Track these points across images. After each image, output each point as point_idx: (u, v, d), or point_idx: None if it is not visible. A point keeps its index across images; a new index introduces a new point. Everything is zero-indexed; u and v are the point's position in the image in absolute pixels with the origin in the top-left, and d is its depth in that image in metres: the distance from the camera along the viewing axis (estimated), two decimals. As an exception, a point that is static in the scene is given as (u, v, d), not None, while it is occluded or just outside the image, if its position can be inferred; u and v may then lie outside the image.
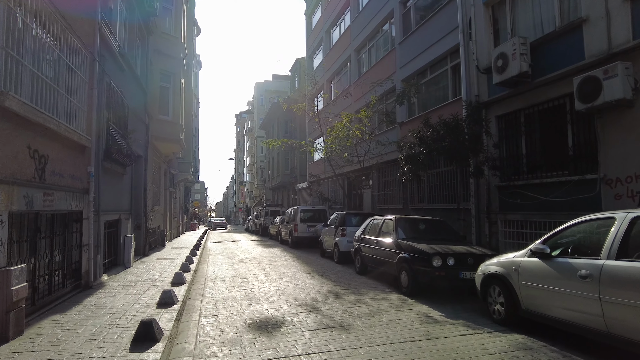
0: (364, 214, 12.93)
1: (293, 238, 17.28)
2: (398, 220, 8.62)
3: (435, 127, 9.47)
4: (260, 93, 58.65)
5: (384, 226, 8.91)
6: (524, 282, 4.87)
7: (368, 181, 18.99)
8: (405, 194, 15.06)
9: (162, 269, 10.31)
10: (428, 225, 8.81)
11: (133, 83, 11.91)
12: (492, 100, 10.32)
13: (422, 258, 6.93)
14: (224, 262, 12.81)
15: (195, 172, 37.92)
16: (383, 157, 15.79)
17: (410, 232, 8.42)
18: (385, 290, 7.74)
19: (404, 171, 10.28)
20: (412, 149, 9.84)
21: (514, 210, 9.74)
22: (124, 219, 10.79)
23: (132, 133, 10.77)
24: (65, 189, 6.55)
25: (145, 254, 13.65)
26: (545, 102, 9.04)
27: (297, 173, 31.69)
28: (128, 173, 11.11)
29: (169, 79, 16.53)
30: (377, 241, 8.79)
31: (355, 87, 19.13)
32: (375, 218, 9.77)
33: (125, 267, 10.60)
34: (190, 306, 6.74)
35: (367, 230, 9.73)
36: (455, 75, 12.69)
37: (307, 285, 8.33)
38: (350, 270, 10.39)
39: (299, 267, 11.12)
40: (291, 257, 13.67)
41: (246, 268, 11.22)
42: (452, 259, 6.79)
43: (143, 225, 13.50)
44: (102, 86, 8.46)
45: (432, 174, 13.21)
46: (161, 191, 18.32)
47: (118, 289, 7.54)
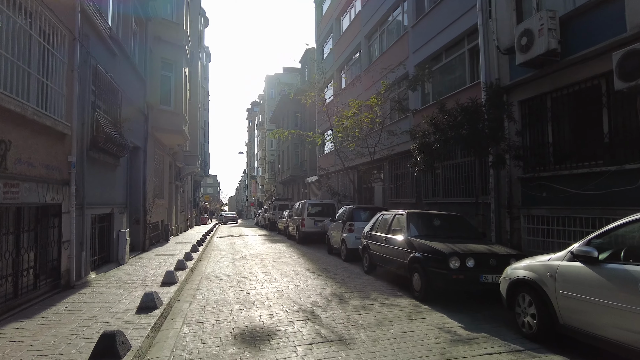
0: (374, 209, 12.09)
1: (300, 233, 16.54)
2: (410, 215, 7.78)
3: (451, 112, 8.57)
4: (270, 86, 57.91)
5: (394, 222, 8.07)
6: (562, 292, 4.00)
7: (379, 174, 18.12)
8: (418, 188, 14.16)
9: (157, 266, 9.68)
10: (444, 221, 7.94)
11: (128, 70, 11.24)
12: (515, 83, 9.35)
13: (437, 259, 6.09)
14: (226, 258, 12.15)
15: (205, 166, 37.50)
16: (395, 148, 14.90)
17: (424, 228, 7.57)
18: (395, 294, 6.93)
19: (417, 162, 9.40)
20: (426, 137, 8.95)
21: (539, 204, 8.81)
22: (118, 213, 10.17)
23: (126, 122, 10.10)
24: (37, 180, 5.88)
25: (145, 249, 13.07)
26: (576, 84, 8.06)
27: (307, 166, 30.94)
28: (122, 164, 10.48)
29: (171, 67, 15.86)
30: (386, 238, 7.96)
31: (366, 75, 18.20)
32: (385, 213, 8.94)
33: (119, 263, 10.00)
34: (177, 310, 6.04)
35: (376, 226, 8.91)
36: (473, 59, 11.70)
37: (308, 287, 7.57)
38: (357, 270, 9.60)
39: (303, 265, 10.38)
40: (296, 254, 12.93)
41: (247, 266, 10.52)
42: (471, 260, 5.93)
43: (142, 220, 12.91)
44: (85, 69, 7.78)
45: (447, 165, 12.28)
46: (165, 184, 17.75)
47: (102, 290, 6.89)
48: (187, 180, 27.37)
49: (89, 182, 8.05)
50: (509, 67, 9.68)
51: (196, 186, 36.76)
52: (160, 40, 15.27)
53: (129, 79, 11.23)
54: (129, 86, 11.15)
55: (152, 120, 14.63)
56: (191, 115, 24.54)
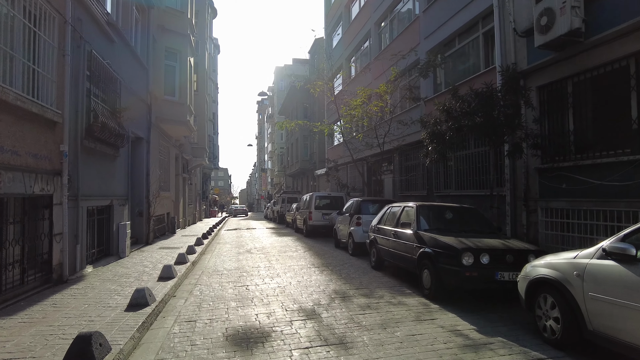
0: (382, 201, 11.62)
1: (307, 226, 16.17)
2: (420, 208, 7.30)
3: (465, 98, 8.03)
4: (280, 78, 57.38)
5: (403, 215, 7.61)
6: (592, 294, 3.52)
7: (389, 166, 17.60)
8: (429, 179, 13.64)
9: (158, 260, 9.40)
10: (456, 214, 7.44)
11: (129, 58, 10.91)
12: (533, 67, 8.75)
13: (448, 254, 5.63)
14: (230, 252, 11.84)
15: (214, 159, 37.32)
16: (405, 138, 14.37)
17: (435, 222, 7.09)
18: (403, 292, 6.49)
19: (428, 152, 8.89)
20: (437, 125, 8.43)
21: (558, 196, 8.25)
22: (118, 205, 9.90)
23: (126, 111, 9.79)
24: (23, 169, 5.58)
25: (149, 242, 12.84)
26: (602, 66, 7.45)
27: (316, 159, 30.50)
28: (123, 155, 10.18)
29: (175, 57, 15.51)
30: (395, 232, 7.51)
31: (375, 63, 17.62)
32: (394, 205, 8.47)
33: (119, 257, 9.75)
34: (170, 307, 5.71)
35: (384, 219, 8.46)
36: (488, 43, 11.08)
37: (312, 283, 7.18)
38: (364, 265, 9.18)
39: (308, 260, 9.99)
40: (303, 248, 12.56)
41: (251, 259, 10.18)
42: (486, 255, 5.46)
43: (145, 212, 12.66)
44: (79, 54, 7.44)
45: (460, 156, 11.73)
46: (171, 177, 17.51)
47: (95, 285, 6.61)
48: (195, 172, 27.18)
49: (84, 173, 7.76)
50: (527, 51, 9.08)
51: (205, 179, 36.63)
52: (164, 29, 14.92)
53: (129, 67, 10.91)
54: (129, 75, 10.82)
55: (156, 111, 14.35)
56: (198, 106, 24.26)
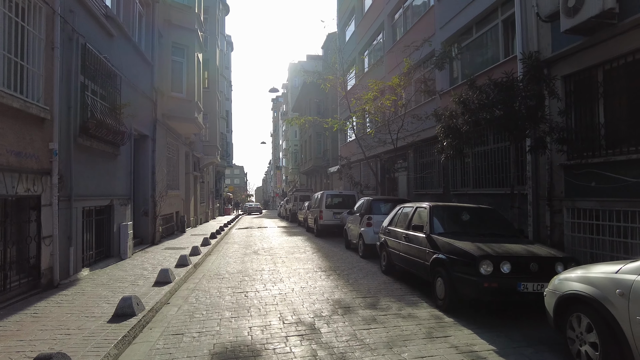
0: (395, 200, 11.02)
1: (318, 226, 15.67)
2: (433, 208, 6.70)
3: (483, 89, 7.37)
4: (294, 75, 56.92)
5: (415, 216, 7.02)
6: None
7: (404, 163, 16.95)
8: (446, 177, 12.96)
9: (160, 262, 9.05)
10: (473, 216, 6.81)
11: (130, 53, 10.57)
12: (558, 55, 8.02)
13: (464, 262, 5.04)
14: (236, 253, 11.43)
15: (226, 157, 37.16)
16: (420, 134, 13.70)
17: (450, 224, 6.49)
18: (414, 301, 5.92)
19: (443, 147, 8.26)
20: (453, 118, 7.79)
21: (586, 195, 7.54)
22: (119, 204, 9.58)
23: (126, 107, 9.44)
24: (3, 169, 5.22)
25: (155, 242, 12.55)
26: (638, 51, 6.70)
27: (329, 156, 29.96)
28: (124, 153, 9.85)
29: (182, 52, 15.18)
30: (406, 235, 6.93)
31: (389, 56, 16.95)
32: (406, 205, 7.88)
33: (121, 258, 9.45)
34: (160, 317, 5.28)
35: (395, 220, 7.88)
36: (508, 31, 10.34)
37: (316, 290, 6.67)
38: (375, 268, 8.62)
39: (316, 262, 9.49)
40: (312, 249, 12.07)
41: (257, 261, 9.74)
42: (507, 264, 4.85)
43: (151, 212, 12.37)
44: (71, 48, 7.08)
45: (478, 152, 11.04)
46: (180, 175, 17.24)
47: (87, 290, 6.25)
48: (207, 171, 26.99)
49: (79, 172, 7.42)
50: (551, 37, 8.35)
51: (219, 177, 36.52)
52: (171, 24, 14.59)
53: (131, 63, 10.57)
54: (131, 70, 10.49)
55: (162, 108, 14.05)
56: (209, 104, 24.00)
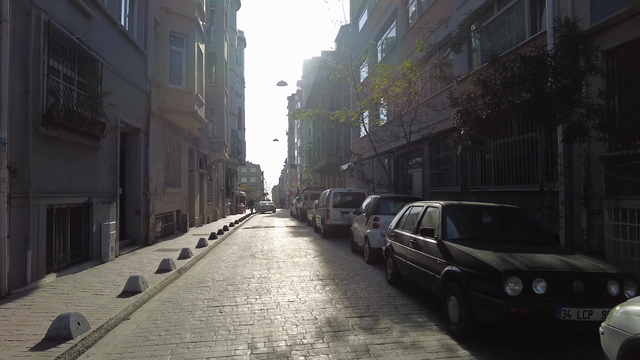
0: (406, 199, 9.84)
1: (325, 226, 14.61)
2: (447, 208, 5.53)
3: (507, 65, 6.17)
4: (308, 72, 55.94)
5: (425, 218, 5.88)
6: None
7: (418, 158, 15.74)
8: (464, 173, 11.72)
9: (141, 267, 8.18)
10: (496, 217, 5.62)
11: (117, 38, 9.73)
12: (599, 26, 6.75)
13: (485, 277, 3.91)
14: (232, 256, 10.49)
15: (238, 154, 36.46)
16: (436, 126, 12.50)
17: (467, 228, 5.34)
18: (421, 324, 4.79)
19: (460, 137, 7.09)
20: (472, 101, 6.62)
21: (634, 193, 6.27)
22: (101, 202, 8.75)
23: (106, 96, 8.58)
24: None
25: (148, 243, 11.74)
26: None
27: (342, 153, 28.85)
28: (106, 146, 9.01)
29: (181, 42, 14.34)
30: (414, 240, 5.80)
31: (403, 44, 15.73)
32: (415, 205, 6.74)
33: (101, 261, 8.63)
34: (108, 339, 4.33)
35: (402, 222, 6.75)
36: (535, 5, 9.05)
37: (305, 305, 5.63)
38: (380, 277, 7.52)
39: (315, 269, 8.45)
40: (314, 252, 11.03)
41: (249, 266, 8.77)
42: (542, 282, 3.70)
43: (143, 210, 11.55)
44: (28, 23, 6.22)
45: (501, 145, 9.79)
46: (182, 172, 16.45)
47: (37, 302, 5.38)
48: (216, 168, 26.26)
49: (43, 166, 6.58)
50: (590, 4, 7.07)
51: (230, 175, 35.85)
52: (169, 11, 13.77)
53: (117, 49, 9.73)
54: (117, 57, 9.65)
55: (159, 100, 13.25)
56: (217, 99, 23.25)
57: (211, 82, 22.96)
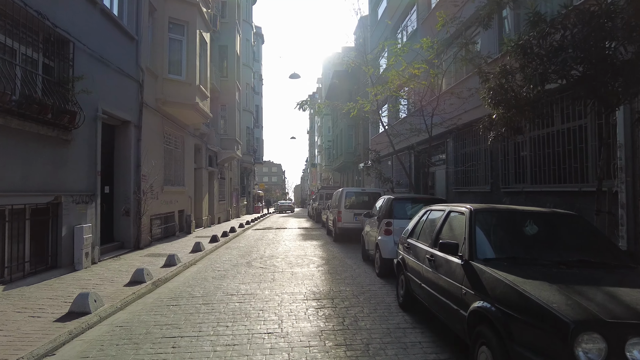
0: (425, 200, 8.35)
1: (336, 229, 13.26)
2: (477, 214, 4.06)
3: (554, 23, 4.65)
4: (328, 68, 54.59)
5: (445, 227, 4.44)
6: None
7: (441, 154, 14.17)
8: (494, 170, 10.14)
9: (116, 277, 7.08)
10: (545, 228, 4.06)
11: (95, 18, 8.68)
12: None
13: (539, 328, 2.49)
14: (226, 263, 9.29)
15: (254, 152, 35.52)
16: (462, 117, 10.94)
17: (505, 243, 3.88)
18: (440, 375, 3.40)
19: (491, 123, 5.61)
20: (507, 74, 5.13)
21: None
22: (73, 202, 7.71)
23: (79, 80, 7.51)
24: None
25: (140, 246, 10.70)
26: None
27: (360, 151, 27.37)
28: (81, 139, 7.95)
29: (182, 30, 13.29)
30: (431, 257, 4.37)
31: (424, 28, 14.17)
32: (434, 208, 5.29)
33: (73, 269, 7.59)
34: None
35: (418, 230, 5.33)
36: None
37: (286, 340, 4.31)
38: (390, 298, 6.12)
39: (315, 282, 7.12)
40: (320, 260, 9.70)
41: (241, 277, 7.54)
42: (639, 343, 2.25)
43: (134, 211, 10.51)
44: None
45: (539, 136, 8.21)
46: (186, 169, 15.43)
47: (-48, 328, 4.28)
48: (229, 166, 25.29)
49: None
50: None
51: (247, 173, 34.93)
52: (167, -4, 12.76)
53: (96, 30, 8.69)
54: (98, 40, 8.62)
55: (155, 91, 12.23)
56: (228, 94, 22.26)
57: (222, 77, 21.99)
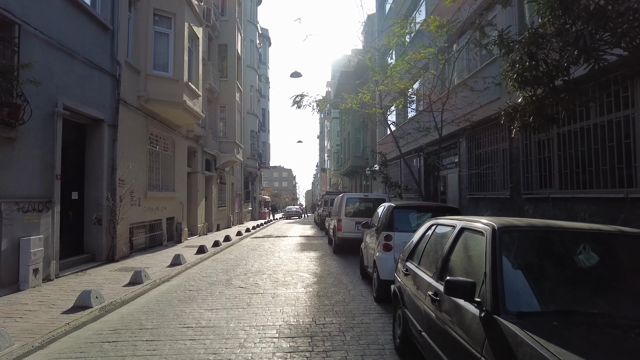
0: (433, 209, 7.01)
1: (335, 239, 11.97)
2: (503, 235, 2.65)
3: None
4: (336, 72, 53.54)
5: (456, 251, 3.13)
6: None
7: (453, 158, 12.82)
8: (514, 173, 8.78)
9: (60, 298, 5.93)
10: (607, 256, 2.69)
11: (59, 1, 7.65)
12: None
13: None
14: (205, 279, 8.08)
15: (259, 157, 34.48)
16: (476, 112, 9.63)
17: (549, 283, 2.53)
18: None
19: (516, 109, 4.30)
20: (539, 39, 3.81)
21: None
22: (19, 210, 6.61)
23: (28, 68, 6.43)
24: None
25: (115, 258, 9.59)
26: None
27: (368, 154, 26.07)
28: (31, 137, 6.87)
29: (168, 22, 12.24)
30: (435, 294, 3.04)
31: (433, 17, 12.88)
32: (441, 222, 3.96)
33: (18, 289, 6.47)
34: None
35: (420, 251, 4.03)
36: None
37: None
38: (386, 334, 4.81)
39: (297, 311, 5.85)
40: (312, 276, 8.42)
41: (210, 302, 6.32)
42: None
43: (106, 220, 9.41)
44: None
45: (569, 132, 6.85)
46: (177, 174, 14.34)
47: None
48: (230, 171, 24.21)
49: None
50: None
51: (252, 178, 33.85)
52: (151, -16, 11.75)
53: (55, 14, 7.64)
54: (58, 26, 7.59)
55: (138, 88, 11.19)
56: (227, 95, 21.24)
57: (222, 77, 20.98)
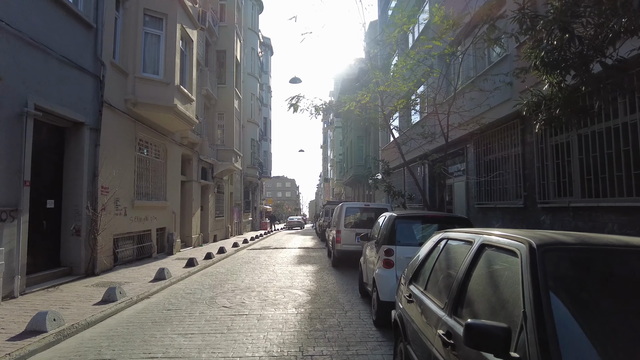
0: (441, 220, 6.23)
1: (334, 252, 11.18)
2: (547, 256, 1.85)
3: None
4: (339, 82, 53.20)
5: (475, 276, 2.38)
6: None
7: (459, 165, 12.07)
8: (528, 180, 8.01)
9: (14, 321, 5.19)
10: None
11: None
12: None
13: None
14: (188, 297, 7.32)
15: (259, 166, 33.85)
16: (485, 115, 8.88)
17: (621, 331, 1.77)
18: None
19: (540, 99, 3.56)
20: (573, 7, 3.08)
21: None
22: (-24, 221, 5.91)
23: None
24: None
25: (95, 272, 8.87)
26: None
27: (370, 163, 25.34)
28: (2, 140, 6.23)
29: (160, 24, 11.69)
30: (448, 335, 2.28)
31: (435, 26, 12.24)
32: (453, 236, 3.19)
33: (-29, 310, 5.73)
34: None
35: (427, 272, 3.26)
36: None
37: None
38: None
39: (285, 336, 5.06)
40: (307, 294, 7.63)
41: (188, 323, 5.55)
42: None
43: (85, 230, 8.71)
44: None
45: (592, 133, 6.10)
46: (170, 182, 13.66)
47: None
48: (229, 180, 23.56)
49: None
50: None
51: (252, 188, 33.16)
52: (141, -16, 11.22)
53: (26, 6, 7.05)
54: (29, 19, 6.99)
55: (125, 91, 10.59)
56: (225, 102, 20.68)
57: (220, 84, 20.46)
